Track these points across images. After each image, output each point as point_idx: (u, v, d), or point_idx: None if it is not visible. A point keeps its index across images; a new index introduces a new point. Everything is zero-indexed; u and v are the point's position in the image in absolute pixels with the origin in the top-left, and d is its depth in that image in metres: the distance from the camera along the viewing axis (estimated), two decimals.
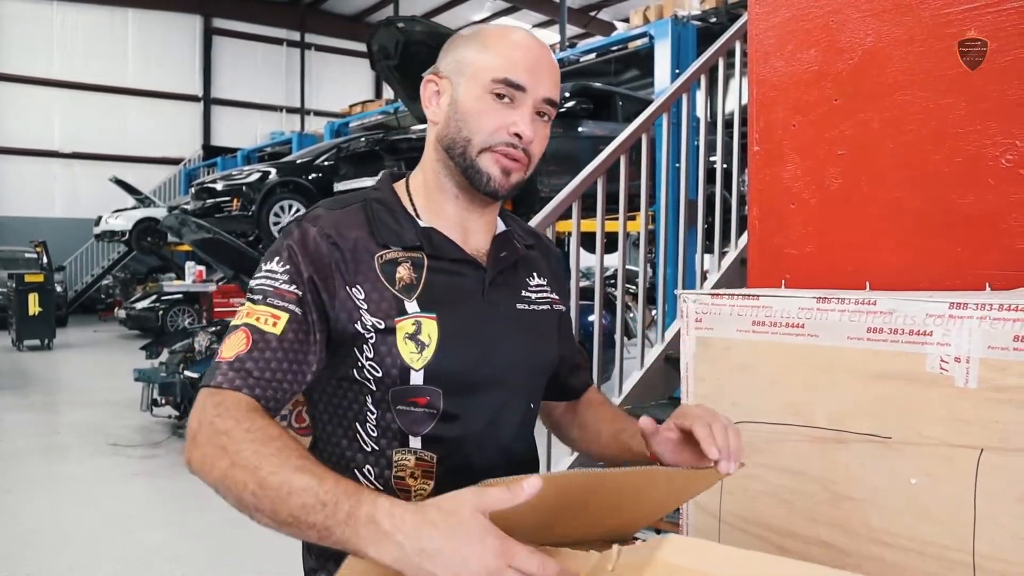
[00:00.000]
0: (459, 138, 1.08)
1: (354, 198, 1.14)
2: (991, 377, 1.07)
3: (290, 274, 1.03)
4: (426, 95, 1.14)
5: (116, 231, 15.50)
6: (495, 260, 1.14)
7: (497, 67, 1.07)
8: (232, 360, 0.97)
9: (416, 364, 1.04)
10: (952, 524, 1.10)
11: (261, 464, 0.85)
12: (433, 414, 1.06)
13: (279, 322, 1.00)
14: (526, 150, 1.08)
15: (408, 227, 1.10)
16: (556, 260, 1.30)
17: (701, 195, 3.53)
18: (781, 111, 1.87)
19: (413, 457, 1.07)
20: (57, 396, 8.93)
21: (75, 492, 5.19)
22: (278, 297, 1.01)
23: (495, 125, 1.06)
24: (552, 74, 1.10)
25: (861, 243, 1.72)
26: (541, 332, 1.18)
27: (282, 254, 1.05)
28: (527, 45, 1.09)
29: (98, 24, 19.16)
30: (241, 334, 0.99)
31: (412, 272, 1.07)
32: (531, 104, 1.07)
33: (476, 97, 1.07)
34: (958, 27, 1.55)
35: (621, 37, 8.24)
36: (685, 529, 1.43)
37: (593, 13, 19.97)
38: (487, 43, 1.09)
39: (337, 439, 1.10)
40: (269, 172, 9.50)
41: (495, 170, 1.08)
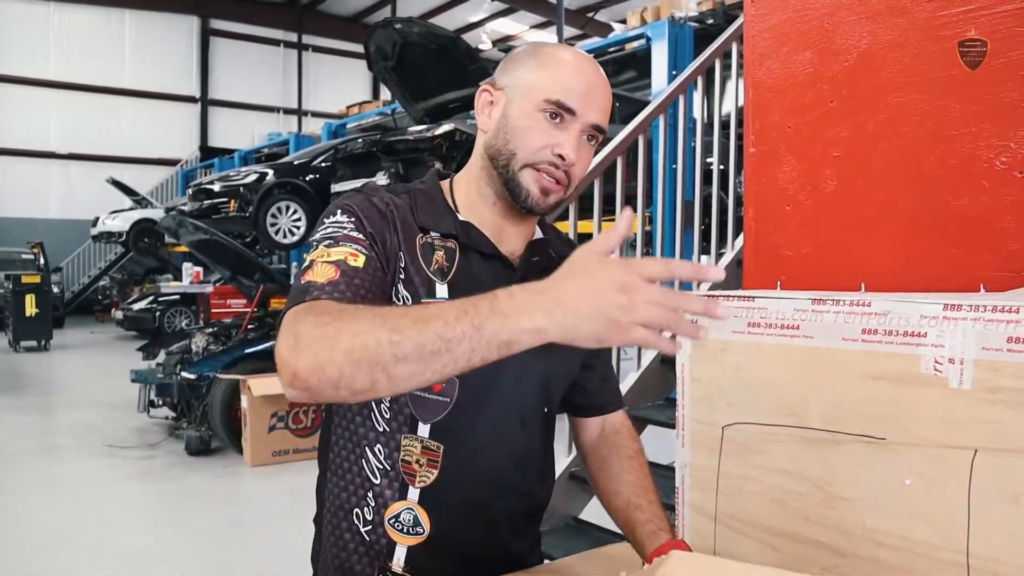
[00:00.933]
0: (504, 150, 1.11)
1: (402, 187, 1.18)
2: (985, 378, 1.07)
3: (356, 224, 1.07)
4: (480, 103, 1.16)
5: (113, 232, 15.49)
6: (526, 262, 1.17)
7: (551, 88, 1.09)
8: (324, 284, 0.97)
9: None
10: (946, 524, 1.10)
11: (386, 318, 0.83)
12: (446, 403, 1.10)
13: (359, 258, 1.02)
14: (567, 172, 1.10)
15: (447, 217, 1.15)
16: None
17: (698, 196, 3.54)
18: (777, 113, 1.87)
19: (419, 444, 1.10)
20: (53, 397, 8.92)
21: (71, 493, 5.18)
22: (351, 242, 1.04)
23: (541, 143, 1.09)
24: (604, 101, 1.12)
25: (856, 244, 1.73)
26: None
27: (346, 209, 1.08)
28: (583, 70, 1.11)
29: (95, 25, 19.15)
30: (329, 267, 0.99)
31: (445, 259, 1.11)
32: (579, 128, 1.10)
33: (526, 113, 1.10)
34: (953, 29, 1.56)
35: (618, 38, 8.25)
36: (681, 530, 1.43)
37: (590, 14, 19.98)
38: (545, 62, 1.12)
39: (352, 416, 1.14)
40: (266, 173, 9.51)
41: (534, 188, 1.10)
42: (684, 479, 1.44)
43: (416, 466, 1.10)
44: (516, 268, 1.15)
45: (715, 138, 3.76)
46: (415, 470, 1.10)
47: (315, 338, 0.84)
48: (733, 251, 3.61)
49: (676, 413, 1.46)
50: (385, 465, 1.12)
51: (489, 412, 1.12)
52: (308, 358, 0.83)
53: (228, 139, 20.08)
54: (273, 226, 9.25)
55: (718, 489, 1.38)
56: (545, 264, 1.18)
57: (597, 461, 1.30)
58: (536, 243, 1.21)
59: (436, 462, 1.10)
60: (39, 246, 14.18)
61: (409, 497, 1.11)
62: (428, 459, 1.10)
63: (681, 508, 1.44)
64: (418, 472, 1.10)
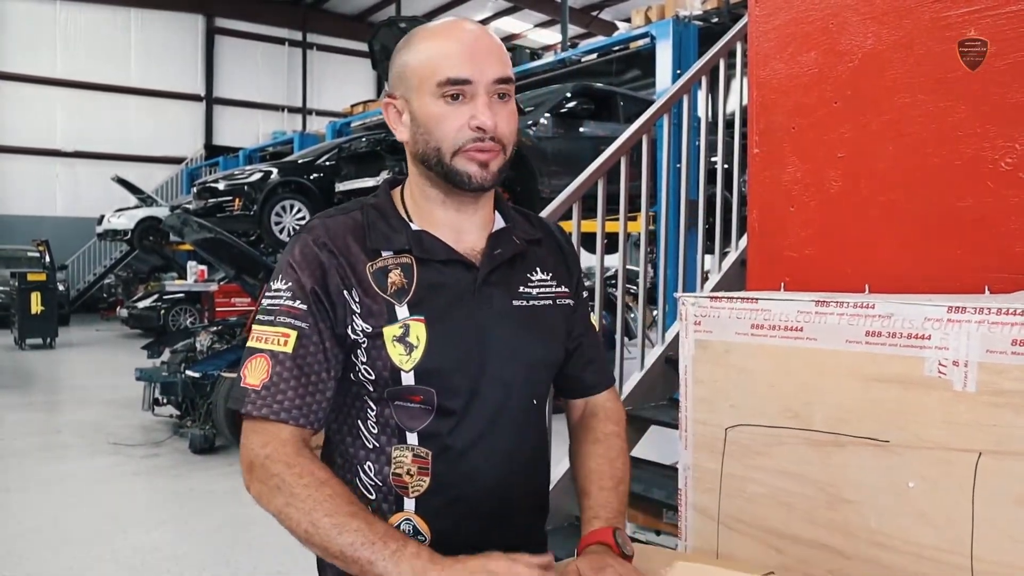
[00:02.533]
0: (429, 149, 1.09)
1: (355, 204, 1.18)
2: (989, 381, 1.07)
3: (292, 290, 1.08)
4: (389, 119, 1.15)
5: (118, 230, 15.53)
6: (488, 258, 1.15)
7: (436, 69, 1.07)
8: (259, 388, 1.06)
9: (406, 366, 1.08)
10: (950, 527, 1.10)
11: (315, 507, 0.98)
12: (428, 410, 1.10)
13: (289, 340, 1.06)
14: (494, 137, 1.08)
15: (400, 231, 1.13)
16: (568, 253, 1.30)
17: (702, 196, 3.54)
18: (781, 114, 1.87)
19: (410, 454, 1.11)
20: (58, 395, 8.95)
21: (75, 491, 5.20)
22: (286, 315, 1.07)
23: (456, 125, 1.07)
24: (494, 52, 1.09)
25: (861, 245, 1.72)
26: (540, 327, 1.18)
27: (285, 271, 1.10)
28: (457, 34, 1.09)
29: (101, 23, 19.20)
30: (260, 361, 1.07)
31: (403, 277, 1.10)
32: (483, 92, 1.07)
33: (429, 104, 1.08)
34: (957, 30, 1.55)
35: (622, 37, 8.24)
36: (683, 532, 1.43)
37: (595, 13, 19.96)
38: (418, 47, 1.10)
39: (342, 436, 1.15)
40: (271, 172, 9.51)
41: (472, 167, 1.09)
42: (687, 480, 1.44)
43: (407, 477, 1.11)
44: (478, 267, 1.13)
45: (719, 137, 3.76)
46: (407, 481, 1.11)
47: (261, 479, 1.03)
48: (737, 251, 3.60)
49: (679, 414, 1.46)
50: (376, 481, 1.13)
51: (474, 413, 1.11)
52: (255, 490, 1.04)
53: (233, 137, 20.11)
54: (277, 224, 9.25)
55: (721, 490, 1.38)
56: (509, 254, 1.17)
57: (574, 443, 1.31)
58: (497, 234, 1.18)
59: (427, 469, 1.11)
60: (44, 244, 14.23)
61: (406, 508, 1.12)
62: (419, 467, 1.11)
63: (684, 509, 1.44)
64: (410, 483, 1.11)
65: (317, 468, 1.02)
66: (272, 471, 1.01)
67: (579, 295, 1.29)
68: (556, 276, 1.23)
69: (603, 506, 1.18)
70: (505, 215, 1.22)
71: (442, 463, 1.11)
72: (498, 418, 1.13)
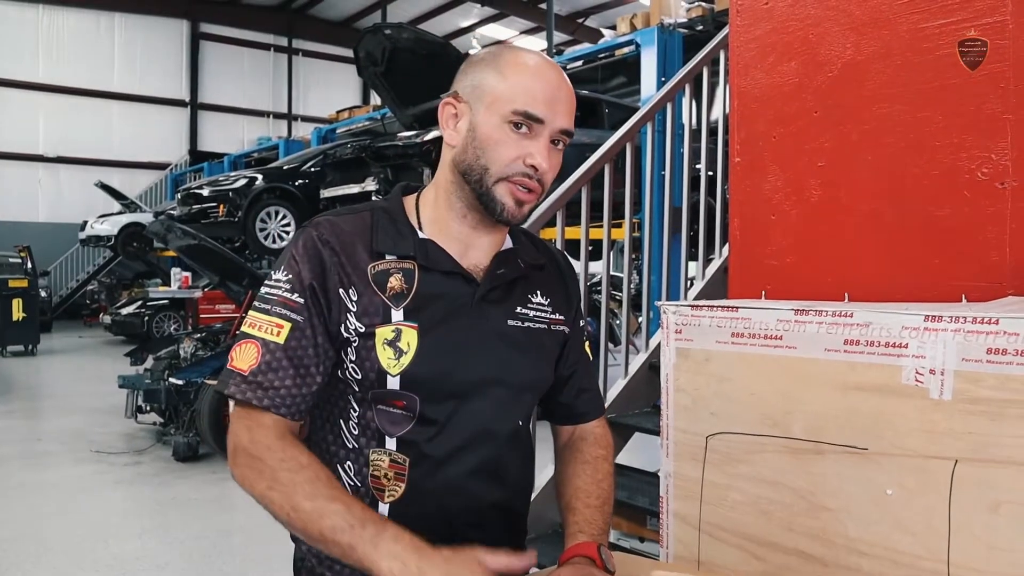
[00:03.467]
0: (476, 165, 1.10)
1: (365, 206, 1.19)
2: (965, 389, 1.08)
3: (292, 283, 1.09)
4: (444, 117, 1.15)
5: (101, 236, 15.41)
6: (491, 276, 1.16)
7: (516, 98, 1.08)
8: (247, 373, 1.07)
9: (393, 370, 1.09)
10: (927, 534, 1.11)
11: (295, 491, 0.99)
12: (410, 417, 1.11)
13: (282, 331, 1.08)
14: (540, 180, 1.11)
15: (407, 237, 1.14)
16: (570, 282, 1.31)
17: (685, 203, 3.55)
18: (762, 123, 1.88)
19: (387, 458, 1.12)
20: (40, 402, 8.87)
21: (56, 499, 5.15)
22: (282, 306, 1.09)
23: (512, 155, 1.09)
24: (569, 104, 1.12)
25: (840, 254, 1.74)
26: (531, 349, 1.19)
27: (288, 263, 1.11)
28: (546, 76, 1.11)
29: (84, 28, 19.06)
30: (251, 346, 1.08)
31: (403, 282, 1.11)
32: (547, 135, 1.10)
33: (494, 126, 1.09)
34: (935, 42, 1.57)
35: (608, 44, 8.28)
36: (665, 540, 1.44)
37: (580, 20, 20.04)
38: (506, 71, 1.11)
39: (324, 434, 1.16)
40: (256, 178, 9.48)
41: (509, 200, 1.10)
42: (668, 488, 1.44)
43: (385, 480, 1.12)
44: (479, 283, 1.14)
45: (703, 145, 3.78)
46: (384, 485, 1.12)
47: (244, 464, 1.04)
48: (721, 258, 3.62)
49: (660, 423, 1.46)
50: (355, 481, 1.13)
51: (454, 427, 1.12)
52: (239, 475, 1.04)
53: (218, 143, 20.01)
54: (262, 231, 9.22)
55: (702, 498, 1.38)
56: (511, 276, 1.18)
57: (559, 464, 1.31)
58: (503, 254, 1.19)
59: (403, 475, 1.11)
60: (26, 250, 14.08)
61: (379, 511, 1.12)
62: (395, 472, 1.11)
63: (666, 517, 1.45)
64: (387, 487, 1.12)
65: (298, 452, 1.03)
66: (254, 455, 1.03)
67: (576, 324, 1.29)
68: (554, 303, 1.24)
69: (589, 522, 1.18)
70: (514, 237, 1.24)
71: (418, 471, 1.11)
72: (479, 434, 1.13)
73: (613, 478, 1.28)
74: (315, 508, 0.97)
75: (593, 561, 1.10)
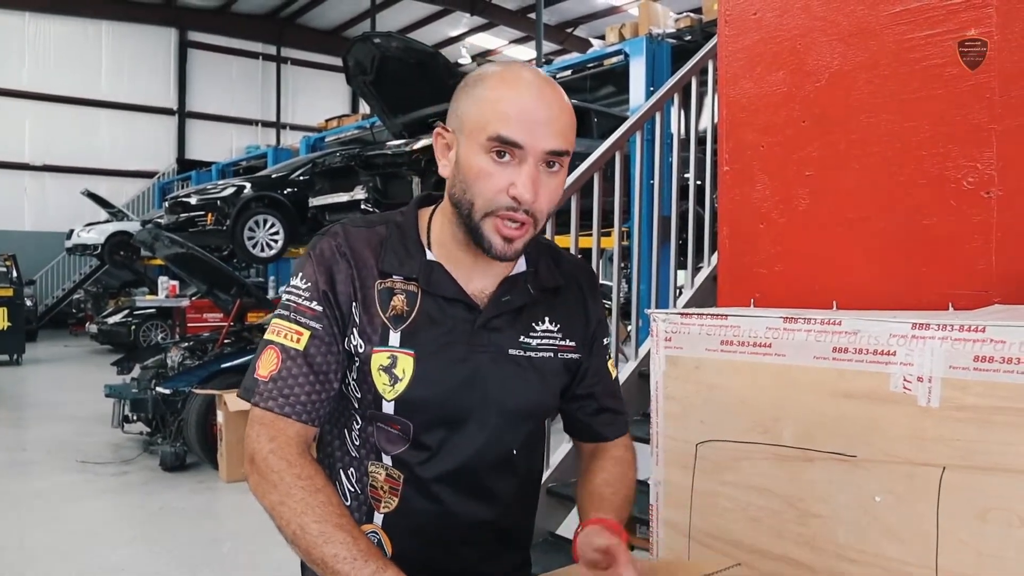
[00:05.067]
0: (464, 200, 1.06)
1: (383, 218, 1.17)
2: (952, 396, 1.09)
3: (310, 290, 1.09)
4: (437, 148, 1.11)
5: (88, 245, 15.31)
6: (494, 303, 1.12)
7: (490, 123, 1.01)
8: (267, 380, 1.07)
9: (388, 395, 1.08)
10: (916, 541, 1.12)
11: (306, 511, 0.98)
12: (405, 439, 1.11)
13: (302, 338, 1.08)
14: (529, 211, 1.03)
15: (414, 257, 1.12)
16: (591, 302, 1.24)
17: (674, 212, 3.57)
18: (750, 132, 1.90)
19: (384, 472, 1.12)
20: (25, 412, 8.78)
21: (42, 510, 5.10)
22: (301, 314, 1.09)
23: (495, 188, 1.03)
24: (557, 121, 1.03)
25: (828, 262, 1.75)
26: (532, 378, 1.15)
27: (305, 269, 1.11)
28: (524, 94, 1.02)
29: (71, 36, 18.98)
30: (272, 352, 1.08)
31: (405, 304, 1.10)
32: (532, 161, 1.02)
33: (475, 156, 1.03)
34: (921, 52, 1.59)
35: (597, 54, 8.31)
36: (655, 547, 1.44)
37: (569, 30, 20.12)
38: (479, 94, 1.04)
39: (331, 439, 1.17)
40: (244, 186, 9.45)
41: (496, 239, 1.05)
42: (658, 496, 1.45)
43: (381, 492, 1.12)
44: (481, 310, 1.11)
45: (691, 154, 3.80)
46: (380, 496, 1.12)
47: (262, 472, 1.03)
48: (710, 266, 3.63)
49: (650, 430, 1.47)
50: (356, 488, 1.14)
51: (447, 454, 1.11)
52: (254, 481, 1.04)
53: (206, 152, 19.94)
54: (251, 240, 9.19)
55: (692, 506, 1.39)
56: (517, 303, 1.14)
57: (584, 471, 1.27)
58: (511, 279, 1.14)
59: (397, 490, 1.12)
60: (12, 258, 13.96)
61: (374, 521, 1.13)
62: (390, 487, 1.12)
63: (655, 525, 1.45)
64: (383, 498, 1.12)
65: (315, 472, 1.03)
66: (273, 467, 1.02)
67: (596, 344, 1.24)
68: (565, 328, 1.18)
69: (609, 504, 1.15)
70: (529, 257, 1.17)
71: (411, 489, 1.12)
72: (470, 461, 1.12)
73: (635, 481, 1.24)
74: (322, 532, 0.97)
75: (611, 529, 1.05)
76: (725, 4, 1.96)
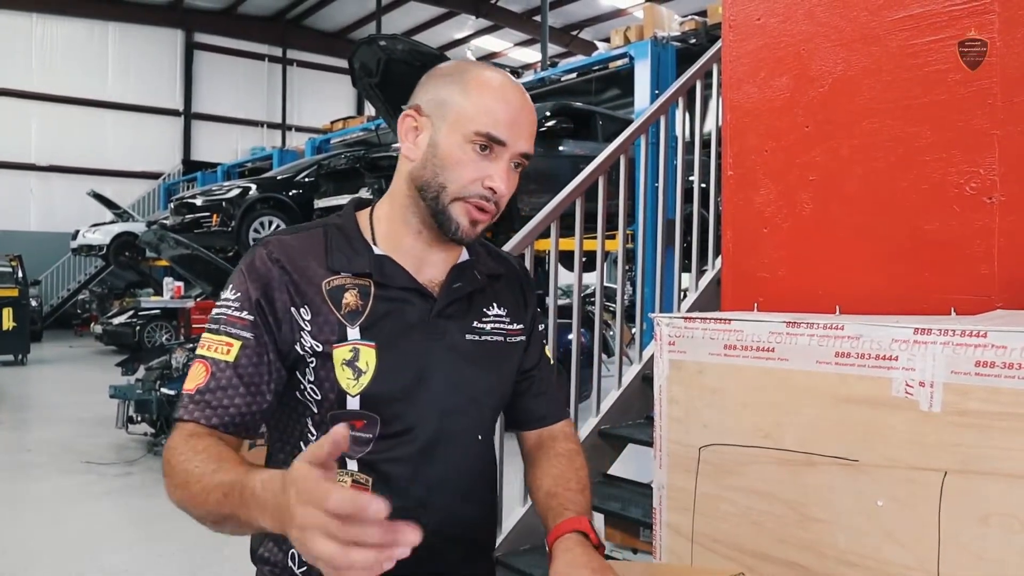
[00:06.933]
0: (434, 182, 1.09)
1: (317, 223, 1.17)
2: (954, 401, 1.09)
3: (240, 300, 1.08)
4: (403, 129, 1.13)
5: (93, 245, 15.37)
6: (447, 291, 1.15)
7: (480, 118, 1.07)
8: (193, 392, 1.05)
9: (352, 390, 1.07)
10: (917, 545, 1.12)
11: (188, 478, 0.95)
12: (369, 439, 1.09)
13: (232, 349, 1.06)
14: (496, 202, 1.10)
15: (362, 254, 1.12)
16: (527, 288, 1.29)
17: (679, 215, 3.57)
18: (754, 137, 1.90)
19: (349, 479, 1.09)
20: (29, 413, 8.82)
21: (46, 511, 5.11)
22: (231, 324, 1.07)
23: (472, 177, 1.08)
24: (531, 127, 1.12)
25: (831, 267, 1.75)
26: (489, 363, 1.18)
27: (235, 281, 1.10)
28: (509, 98, 1.09)
29: (78, 37, 19.06)
30: (200, 366, 1.06)
31: (359, 299, 1.10)
32: (508, 158, 1.09)
33: (456, 145, 1.08)
34: (924, 58, 1.59)
35: (602, 57, 8.33)
36: (658, 551, 1.44)
37: (575, 33, 20.15)
38: (470, 90, 1.09)
39: (285, 456, 1.13)
40: (249, 188, 9.49)
41: (464, 220, 1.09)
42: (661, 499, 1.45)
43: None
44: (435, 298, 1.14)
45: (696, 157, 3.80)
46: None
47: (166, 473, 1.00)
48: (714, 270, 3.64)
49: (654, 434, 1.47)
50: None
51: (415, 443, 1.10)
52: (167, 491, 0.99)
53: (211, 153, 20.00)
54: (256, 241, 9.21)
55: (695, 510, 1.39)
56: (468, 289, 1.17)
57: (531, 464, 1.28)
58: (459, 267, 1.18)
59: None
60: (17, 259, 14.02)
61: None
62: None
63: (658, 528, 1.46)
64: None
65: (199, 442, 1.00)
66: (169, 459, 1.00)
67: (534, 329, 1.29)
68: (512, 312, 1.23)
69: (573, 502, 1.17)
70: (469, 248, 1.22)
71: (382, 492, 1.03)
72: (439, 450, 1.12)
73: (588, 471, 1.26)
74: (203, 488, 0.93)
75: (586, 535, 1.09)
76: (729, 9, 1.97)
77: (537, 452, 1.29)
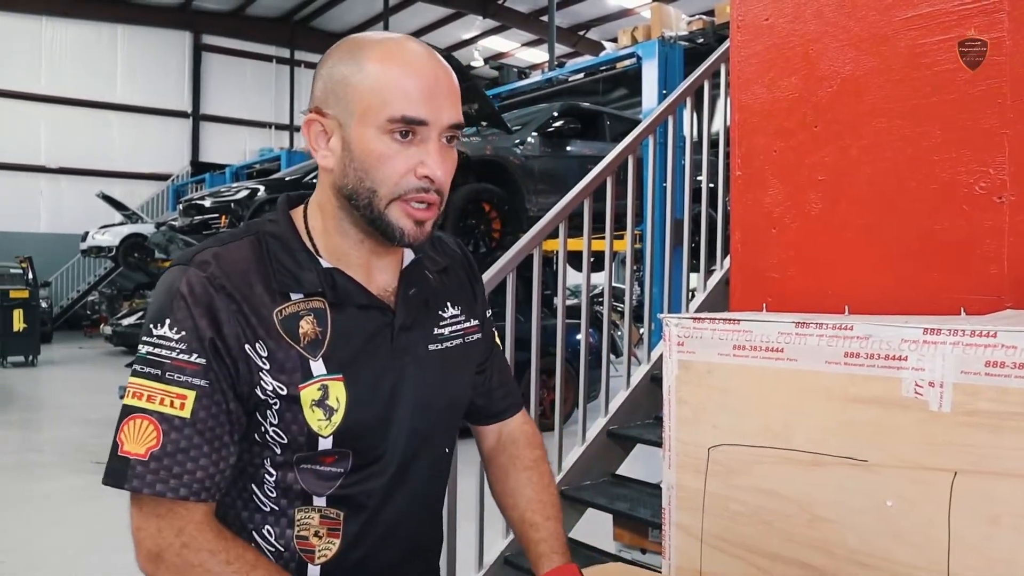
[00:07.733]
0: (362, 189, 0.95)
1: (247, 231, 1.02)
2: (964, 401, 1.09)
3: (187, 340, 0.91)
4: (311, 137, 0.99)
5: (103, 247, 15.44)
6: (404, 301, 1.04)
7: (390, 102, 0.92)
8: (146, 458, 0.90)
9: (325, 431, 0.96)
10: (927, 546, 1.12)
11: None
12: (339, 473, 1.00)
13: (186, 402, 0.91)
14: (437, 190, 0.96)
15: (308, 268, 0.99)
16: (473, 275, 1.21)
17: (687, 215, 3.57)
18: (762, 137, 1.90)
19: (317, 515, 1.00)
20: (40, 413, 8.87)
21: (54, 511, 5.14)
22: (179, 371, 0.91)
23: (401, 170, 0.94)
24: (453, 94, 0.97)
25: (840, 267, 1.75)
26: (452, 369, 1.11)
27: (174, 314, 0.92)
28: (417, 68, 0.94)
29: (87, 39, 19.17)
30: (145, 423, 0.90)
31: (315, 325, 0.97)
32: (436, 137, 0.95)
33: (372, 139, 0.94)
34: (933, 57, 1.59)
35: (609, 57, 8.32)
36: (667, 551, 1.45)
37: (582, 33, 20.14)
38: (369, 70, 0.93)
39: (232, 500, 1.01)
40: (258, 189, 9.49)
41: (407, 223, 0.96)
42: (671, 499, 1.45)
43: (315, 539, 1.00)
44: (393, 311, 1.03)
45: (704, 157, 3.80)
46: (313, 545, 1.00)
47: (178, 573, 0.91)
48: (722, 270, 3.63)
49: (662, 434, 1.47)
50: (278, 545, 1.00)
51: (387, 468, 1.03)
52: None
53: (220, 154, 20.08)
54: None
55: (704, 510, 1.39)
56: (423, 295, 1.08)
57: (496, 470, 1.24)
58: (409, 271, 1.07)
59: (337, 530, 1.00)
60: (27, 260, 14.11)
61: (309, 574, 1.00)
62: (328, 528, 1.00)
63: (668, 528, 1.46)
64: (317, 545, 1.00)
65: (243, 549, 0.93)
66: (193, 562, 0.90)
67: (485, 319, 1.21)
68: (465, 308, 1.15)
69: (556, 538, 1.15)
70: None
71: (355, 523, 1.01)
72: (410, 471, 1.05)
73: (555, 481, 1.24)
74: None
75: None
76: (737, 9, 1.97)
77: (500, 456, 1.25)
